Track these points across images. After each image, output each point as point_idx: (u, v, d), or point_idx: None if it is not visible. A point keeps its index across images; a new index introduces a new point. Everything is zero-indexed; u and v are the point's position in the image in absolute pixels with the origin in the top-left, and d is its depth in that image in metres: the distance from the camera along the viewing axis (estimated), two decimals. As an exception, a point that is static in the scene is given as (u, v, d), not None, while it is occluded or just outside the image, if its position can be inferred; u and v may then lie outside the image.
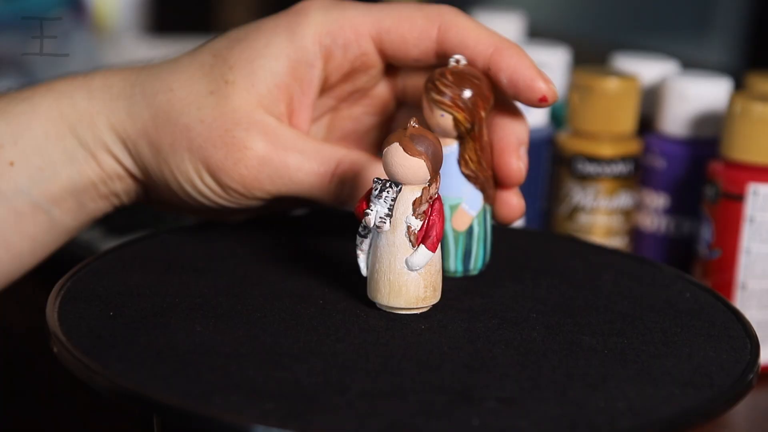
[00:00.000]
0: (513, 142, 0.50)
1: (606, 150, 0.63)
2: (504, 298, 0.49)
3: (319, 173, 0.49)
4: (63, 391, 0.56)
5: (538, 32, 0.90)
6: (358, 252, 0.46)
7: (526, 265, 0.52)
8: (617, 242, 0.64)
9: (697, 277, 0.60)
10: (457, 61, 0.48)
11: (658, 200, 0.65)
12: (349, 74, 0.51)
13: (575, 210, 0.64)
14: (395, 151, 0.44)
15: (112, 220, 0.67)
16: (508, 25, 0.78)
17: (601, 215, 0.64)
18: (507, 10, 0.80)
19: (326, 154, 0.49)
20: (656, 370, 0.43)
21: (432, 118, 0.48)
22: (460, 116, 0.48)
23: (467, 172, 0.49)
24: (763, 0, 2.00)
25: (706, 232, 0.60)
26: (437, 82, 0.48)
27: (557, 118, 0.68)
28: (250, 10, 1.69)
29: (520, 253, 0.54)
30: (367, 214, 0.45)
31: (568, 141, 0.64)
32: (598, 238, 0.64)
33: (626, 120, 0.64)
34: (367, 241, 0.46)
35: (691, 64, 0.84)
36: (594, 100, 0.63)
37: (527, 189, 0.64)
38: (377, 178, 0.45)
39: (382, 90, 0.53)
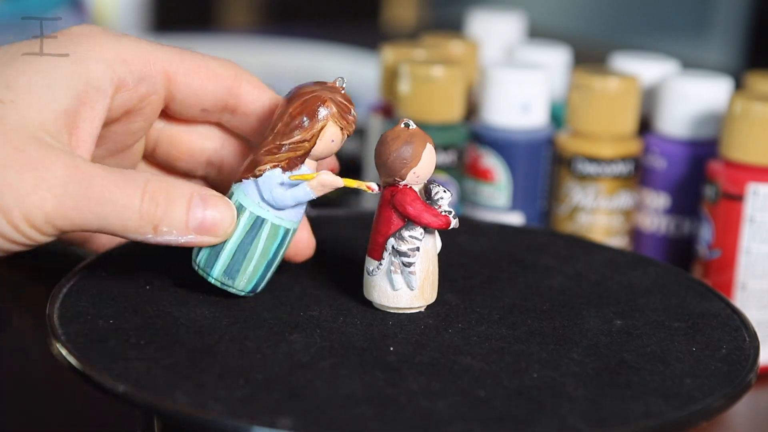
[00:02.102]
0: None
1: (606, 150, 0.63)
2: (501, 296, 0.49)
3: (127, 193, 0.42)
4: (63, 391, 0.56)
5: (538, 32, 0.90)
6: (414, 270, 0.45)
7: (525, 264, 0.52)
8: (617, 242, 0.64)
9: (697, 277, 0.60)
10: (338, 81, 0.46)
11: (658, 200, 0.65)
12: (129, 113, 0.47)
13: (575, 210, 0.64)
14: (432, 150, 0.45)
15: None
16: (508, 25, 0.78)
17: (601, 215, 0.64)
18: (507, 10, 0.80)
19: (131, 174, 0.43)
20: (655, 369, 0.43)
21: (338, 143, 0.45)
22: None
23: None
24: (763, 0, 2.00)
25: (706, 232, 0.60)
26: (353, 109, 0.45)
27: (557, 118, 0.68)
28: (250, 10, 1.69)
29: (519, 251, 0.54)
30: (456, 217, 0.45)
31: (568, 141, 0.64)
32: (598, 238, 0.64)
33: (626, 120, 0.64)
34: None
35: (691, 64, 0.84)
36: (594, 100, 0.63)
37: (527, 189, 0.64)
38: (434, 182, 0.45)
39: (138, 147, 0.49)
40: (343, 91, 0.45)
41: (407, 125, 0.45)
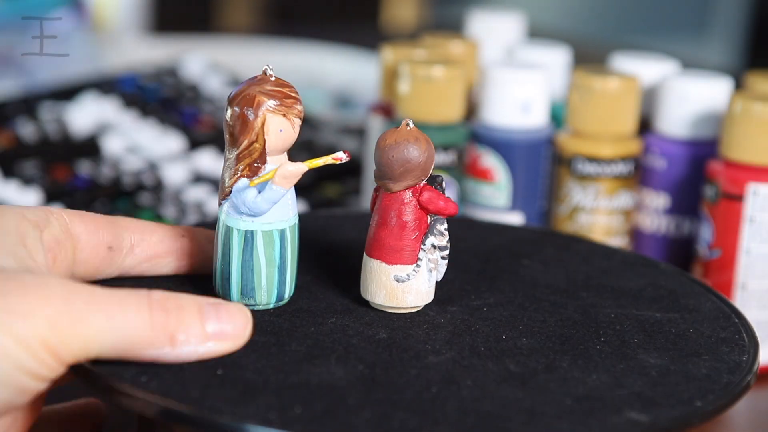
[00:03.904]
0: None
1: (606, 150, 0.63)
2: (502, 296, 0.49)
3: (133, 302, 0.40)
4: (62, 391, 0.56)
5: (538, 32, 0.90)
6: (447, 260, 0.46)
7: (525, 263, 0.52)
8: (617, 242, 0.64)
9: (697, 277, 0.60)
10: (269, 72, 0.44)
11: (658, 200, 0.65)
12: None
13: (575, 210, 0.64)
14: None
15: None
16: (508, 25, 0.78)
17: (601, 215, 0.64)
18: (507, 10, 0.80)
19: (127, 290, 0.41)
20: (656, 369, 0.43)
21: (293, 133, 0.44)
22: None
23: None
24: (763, 0, 2.00)
25: (706, 232, 0.60)
26: (290, 92, 0.44)
27: (557, 118, 0.68)
28: (250, 10, 1.69)
29: (521, 250, 0.54)
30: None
31: (568, 141, 0.64)
32: (598, 238, 0.64)
33: (626, 120, 0.64)
34: None
35: (691, 64, 0.84)
36: (594, 100, 0.63)
37: (527, 189, 0.64)
38: (441, 176, 0.46)
39: None
40: (272, 79, 0.44)
41: (408, 125, 0.45)
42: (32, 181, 0.70)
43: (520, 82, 0.63)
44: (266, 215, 0.44)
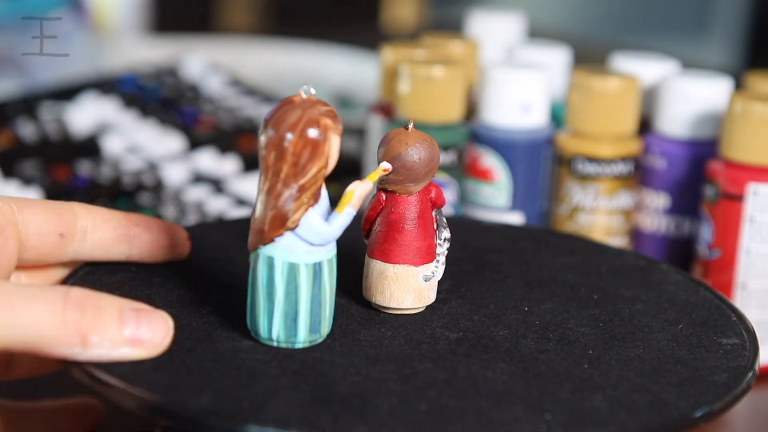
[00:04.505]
0: None
1: (606, 150, 0.63)
2: (501, 296, 0.49)
3: (47, 299, 0.39)
4: (62, 391, 0.56)
5: (538, 32, 0.90)
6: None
7: (525, 263, 0.52)
8: (617, 242, 0.64)
9: (697, 277, 0.60)
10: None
11: (658, 200, 0.65)
12: None
13: (575, 210, 0.64)
14: None
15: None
16: (508, 25, 0.78)
17: (601, 215, 0.64)
18: (507, 10, 0.80)
19: (46, 286, 0.41)
20: (656, 369, 0.43)
21: (335, 147, 0.42)
22: None
23: None
24: (763, 0, 2.00)
25: (706, 232, 0.60)
26: (328, 110, 0.41)
27: (557, 118, 0.68)
28: (250, 10, 1.69)
29: (519, 250, 0.54)
30: None
31: (568, 141, 0.64)
32: (598, 238, 0.64)
33: (626, 120, 0.64)
34: None
35: (691, 64, 0.84)
36: (594, 100, 0.63)
37: (527, 189, 0.64)
38: None
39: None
40: (315, 98, 0.41)
41: (407, 126, 0.45)
42: (32, 181, 0.70)
43: (520, 82, 0.63)
44: (330, 243, 0.42)
